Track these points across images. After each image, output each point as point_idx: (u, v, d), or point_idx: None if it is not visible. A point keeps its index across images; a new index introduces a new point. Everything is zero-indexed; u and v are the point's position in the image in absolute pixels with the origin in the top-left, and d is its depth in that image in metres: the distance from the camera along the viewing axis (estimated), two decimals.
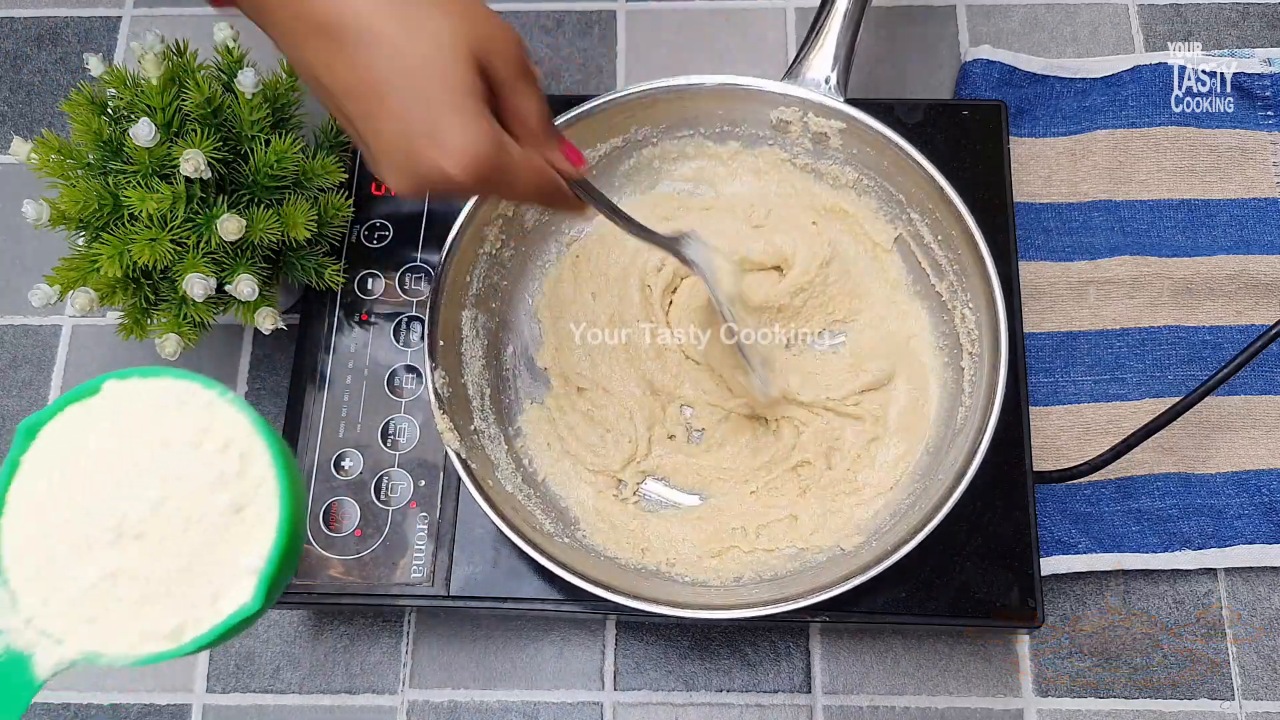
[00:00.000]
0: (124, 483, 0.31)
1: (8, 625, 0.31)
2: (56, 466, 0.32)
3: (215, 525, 0.32)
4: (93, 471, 0.32)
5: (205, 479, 0.32)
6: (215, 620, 0.31)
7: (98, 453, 0.32)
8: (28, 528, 0.32)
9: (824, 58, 0.60)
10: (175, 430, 0.32)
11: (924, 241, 0.61)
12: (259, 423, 0.33)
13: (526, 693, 0.61)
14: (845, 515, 0.58)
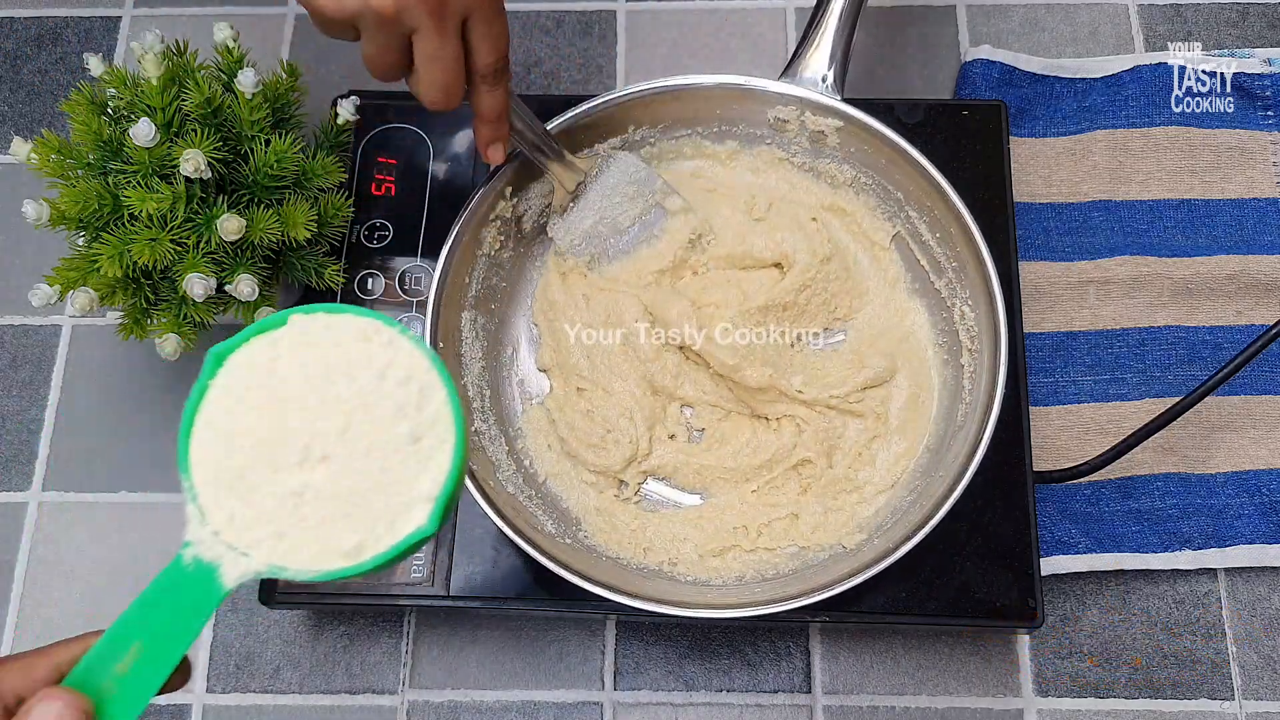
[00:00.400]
0: (312, 408, 0.33)
1: (196, 537, 0.33)
2: (244, 392, 0.34)
3: (395, 453, 0.33)
4: (282, 397, 0.33)
5: (387, 409, 0.34)
6: (393, 540, 0.33)
7: (287, 380, 0.34)
8: (216, 447, 0.33)
9: (821, 56, 0.60)
10: (361, 362, 0.34)
11: (922, 239, 0.61)
12: (436, 361, 0.35)
13: (526, 693, 0.61)
14: (846, 514, 0.58)
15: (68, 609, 0.63)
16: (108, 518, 0.65)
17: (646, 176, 0.61)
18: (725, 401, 0.61)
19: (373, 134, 0.65)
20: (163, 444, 0.66)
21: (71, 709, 0.29)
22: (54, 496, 0.65)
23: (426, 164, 0.65)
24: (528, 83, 0.74)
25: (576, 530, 0.58)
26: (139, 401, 0.67)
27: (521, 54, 0.75)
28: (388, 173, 0.64)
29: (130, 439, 0.66)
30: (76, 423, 0.67)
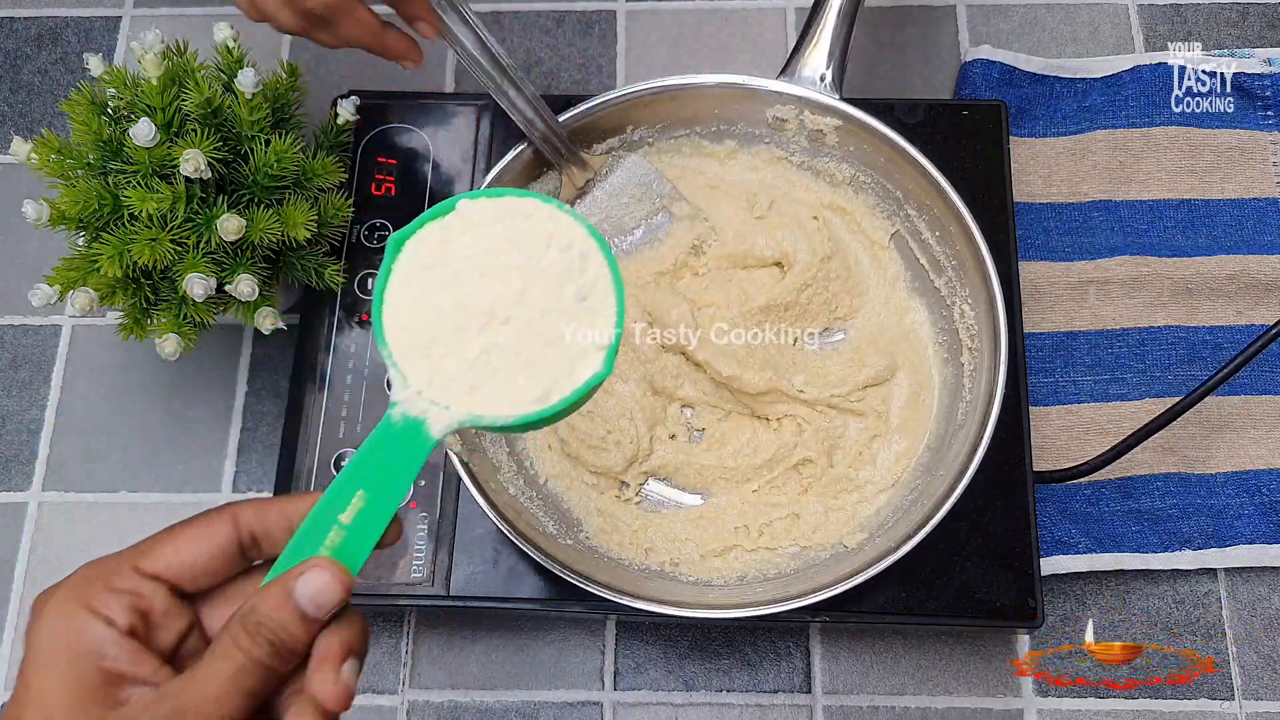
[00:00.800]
0: (490, 277, 0.37)
1: (401, 397, 0.36)
2: (426, 269, 0.38)
3: (566, 311, 0.38)
4: (461, 270, 0.37)
5: (555, 273, 0.38)
6: (575, 385, 0.37)
7: (464, 255, 0.38)
8: (408, 319, 0.37)
9: (819, 55, 0.60)
10: (527, 234, 0.38)
11: (921, 237, 0.61)
12: (592, 230, 0.39)
13: (526, 693, 0.61)
14: (847, 513, 0.58)
15: None
16: (108, 518, 0.65)
17: (655, 180, 0.62)
18: (725, 402, 0.61)
19: (373, 134, 0.65)
20: (163, 444, 0.66)
21: (336, 577, 0.33)
22: (54, 496, 0.65)
23: (426, 164, 0.65)
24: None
25: (578, 531, 0.58)
26: (139, 401, 0.67)
27: (521, 54, 0.75)
28: (388, 173, 0.64)
29: (130, 439, 0.66)
30: (76, 423, 0.67)
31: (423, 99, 0.66)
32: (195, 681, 0.32)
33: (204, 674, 0.32)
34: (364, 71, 0.74)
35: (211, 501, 0.65)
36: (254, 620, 0.32)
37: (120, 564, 0.33)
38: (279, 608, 0.33)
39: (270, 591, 0.33)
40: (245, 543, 0.35)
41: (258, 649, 0.32)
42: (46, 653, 0.32)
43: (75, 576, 0.33)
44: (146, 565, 0.34)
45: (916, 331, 0.62)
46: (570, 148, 0.59)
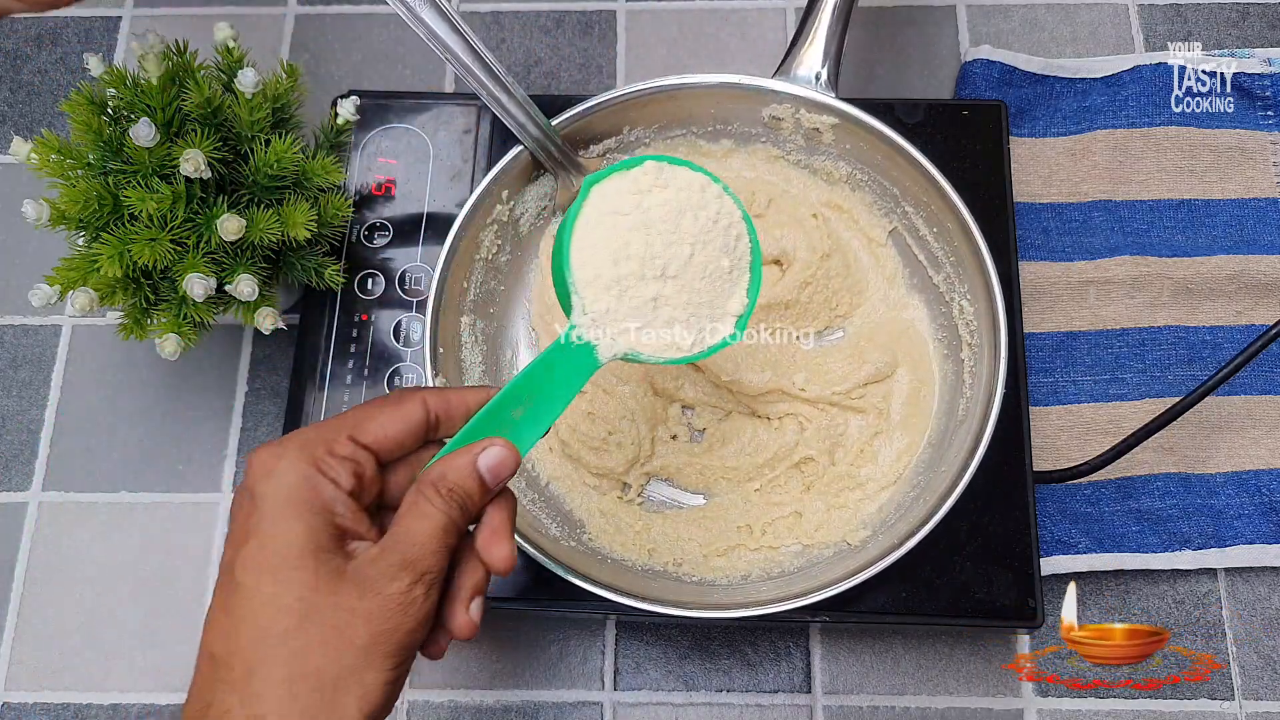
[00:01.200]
0: (671, 238, 0.43)
1: (580, 322, 0.42)
2: (617, 215, 0.43)
3: (718, 279, 0.44)
4: (650, 224, 0.42)
5: (717, 246, 0.44)
6: (713, 341, 0.44)
7: (653, 211, 0.43)
8: (595, 256, 0.42)
9: (814, 54, 0.60)
10: (699, 206, 0.44)
11: (919, 234, 0.61)
12: (746, 215, 0.45)
13: (526, 693, 0.61)
14: (850, 511, 0.58)
15: (68, 609, 0.63)
16: (108, 518, 0.65)
17: None
18: (725, 402, 0.61)
19: (373, 134, 0.65)
20: (163, 444, 0.66)
21: (512, 454, 0.40)
22: (54, 496, 0.65)
23: (426, 164, 0.65)
24: (528, 83, 0.74)
25: (580, 533, 0.58)
26: (139, 401, 0.67)
27: (521, 54, 0.75)
28: (388, 173, 0.64)
29: (130, 439, 0.66)
30: (76, 423, 0.67)
31: (423, 99, 0.66)
32: (409, 535, 0.37)
33: (415, 529, 0.37)
34: (364, 71, 0.75)
35: (211, 501, 0.65)
36: (446, 484, 0.38)
37: (338, 434, 0.38)
38: (467, 475, 0.39)
39: (457, 461, 0.39)
40: (431, 423, 0.40)
41: (452, 509, 0.38)
42: (286, 503, 0.36)
43: (297, 440, 0.38)
44: (360, 436, 0.38)
45: (916, 328, 0.62)
46: (565, 152, 0.59)
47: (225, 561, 0.37)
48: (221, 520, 0.64)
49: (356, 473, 0.38)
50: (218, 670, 0.35)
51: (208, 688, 0.36)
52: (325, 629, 0.35)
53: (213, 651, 0.36)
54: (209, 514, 0.64)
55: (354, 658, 0.35)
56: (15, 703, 0.61)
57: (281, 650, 0.35)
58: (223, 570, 0.37)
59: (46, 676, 0.62)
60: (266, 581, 0.36)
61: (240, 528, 0.37)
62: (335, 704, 0.35)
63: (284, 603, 0.35)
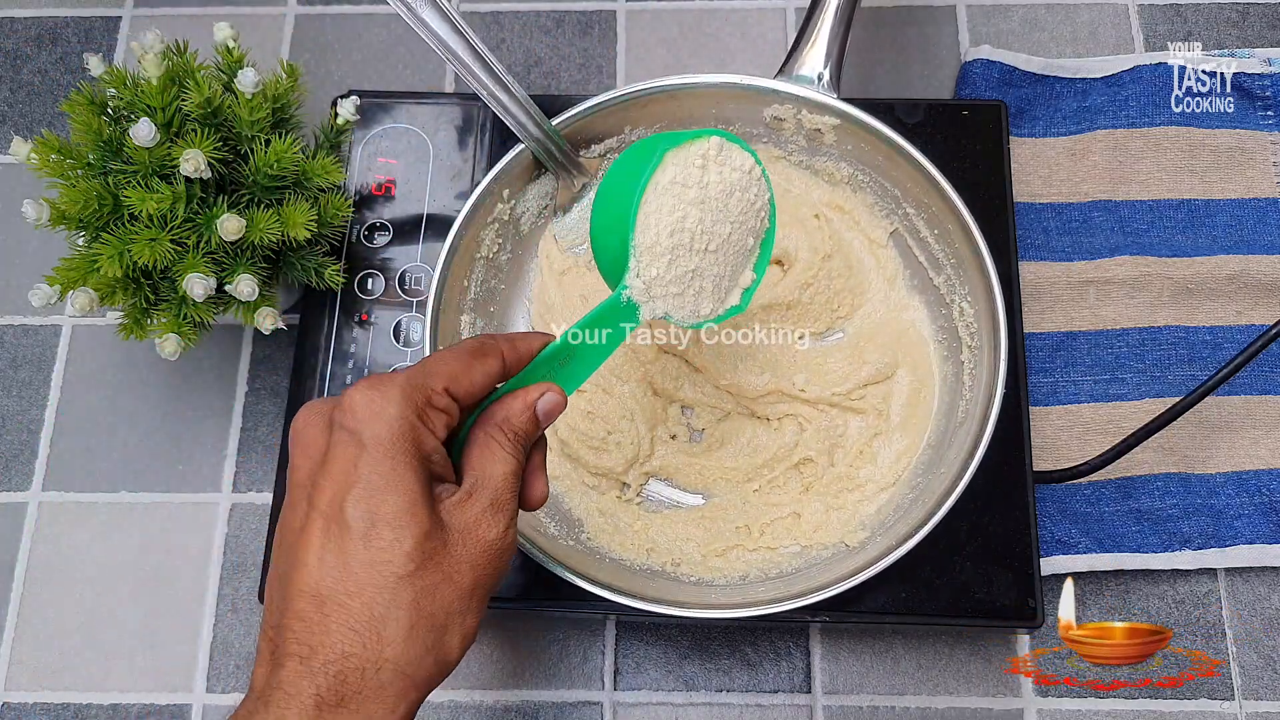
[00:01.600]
0: (718, 215, 0.46)
1: (632, 284, 0.45)
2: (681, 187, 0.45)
3: (740, 256, 0.48)
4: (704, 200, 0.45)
5: (748, 227, 0.48)
6: (724, 310, 0.49)
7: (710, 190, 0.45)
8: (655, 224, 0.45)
9: (816, 54, 0.60)
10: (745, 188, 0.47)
11: (920, 236, 0.61)
12: (773, 201, 0.49)
13: (526, 693, 0.61)
14: (848, 512, 0.58)
15: (68, 609, 0.63)
16: (108, 518, 0.65)
17: None
18: (725, 403, 0.61)
19: (373, 134, 0.65)
20: (163, 444, 0.66)
21: (561, 398, 0.43)
22: (54, 496, 0.65)
23: (426, 164, 0.65)
24: (528, 83, 0.74)
25: (579, 532, 0.58)
26: (139, 401, 0.67)
27: (521, 54, 0.75)
28: (388, 173, 0.64)
29: (130, 439, 0.66)
30: (76, 423, 0.67)
31: (423, 99, 0.66)
32: (491, 478, 0.40)
33: (494, 472, 0.40)
34: (364, 71, 0.75)
35: (211, 501, 0.65)
36: (510, 427, 0.41)
37: (435, 384, 0.40)
38: (529, 418, 0.42)
39: (517, 404, 0.42)
40: (505, 373, 0.43)
41: (519, 450, 0.41)
42: (398, 450, 0.37)
43: (401, 386, 0.38)
44: (455, 389, 0.40)
45: (916, 329, 0.62)
46: (565, 152, 0.59)
47: (328, 500, 0.37)
48: (221, 520, 0.64)
49: (448, 424, 0.40)
50: (328, 610, 0.35)
51: (317, 628, 0.35)
52: (438, 575, 0.37)
53: (320, 591, 0.36)
54: (209, 514, 0.64)
55: (460, 601, 0.38)
56: (15, 703, 0.61)
57: (405, 595, 0.36)
58: (321, 507, 0.37)
59: (46, 676, 0.62)
60: (384, 528, 0.36)
61: (343, 468, 0.37)
62: (443, 644, 0.37)
63: (404, 549, 0.36)
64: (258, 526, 0.64)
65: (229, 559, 0.64)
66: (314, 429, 0.39)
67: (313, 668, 0.35)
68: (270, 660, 0.36)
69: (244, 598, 0.63)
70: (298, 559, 0.37)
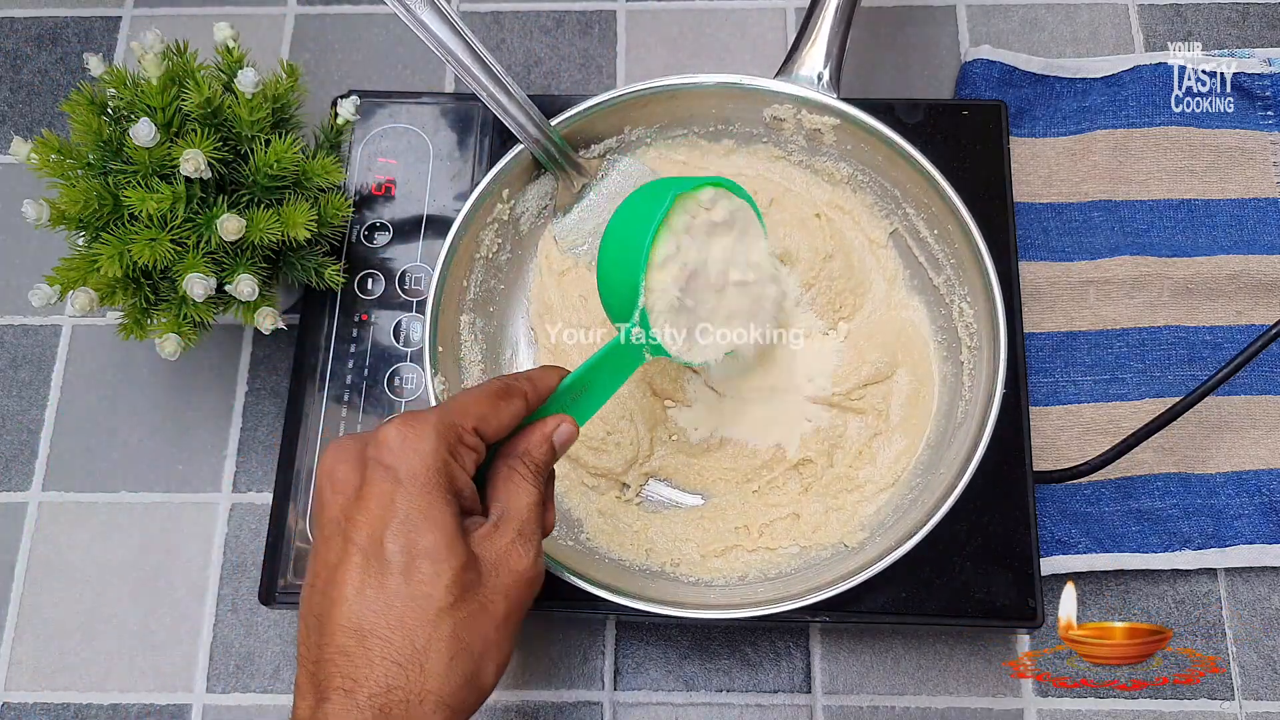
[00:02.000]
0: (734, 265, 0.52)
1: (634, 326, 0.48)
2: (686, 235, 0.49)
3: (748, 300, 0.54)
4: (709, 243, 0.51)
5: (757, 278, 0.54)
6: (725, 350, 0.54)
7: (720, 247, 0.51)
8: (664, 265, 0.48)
9: (816, 55, 0.60)
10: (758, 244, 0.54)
11: (920, 236, 0.61)
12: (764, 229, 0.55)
13: (526, 693, 0.61)
14: (848, 512, 0.58)
15: (68, 609, 0.63)
16: (108, 518, 0.65)
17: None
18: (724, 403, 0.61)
19: (373, 134, 0.65)
20: (163, 444, 0.66)
21: (574, 428, 0.45)
22: (54, 496, 0.65)
23: (426, 164, 0.65)
24: (528, 83, 0.74)
25: (579, 532, 0.58)
26: (139, 401, 0.67)
27: (521, 54, 0.75)
28: (388, 173, 0.64)
29: (130, 439, 0.66)
30: (76, 423, 0.67)
31: (423, 99, 0.66)
32: (517, 510, 0.42)
33: (520, 504, 0.42)
34: (364, 71, 0.75)
35: (211, 501, 0.65)
36: (531, 459, 0.43)
37: (465, 422, 0.41)
38: (546, 450, 0.44)
39: (535, 437, 0.44)
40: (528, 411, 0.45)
41: (540, 480, 0.43)
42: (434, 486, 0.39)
43: (435, 423, 0.40)
44: (484, 430, 0.42)
45: (916, 329, 0.62)
46: (565, 152, 0.59)
47: (366, 535, 0.38)
48: (221, 520, 0.64)
49: (476, 461, 0.42)
50: (370, 644, 0.36)
51: (360, 662, 0.36)
52: (475, 606, 0.38)
53: (361, 626, 0.36)
54: (209, 514, 0.64)
55: (496, 631, 0.39)
56: (15, 703, 0.61)
57: (445, 628, 0.37)
58: (359, 543, 0.38)
59: (46, 676, 0.62)
60: (424, 562, 0.37)
61: (380, 503, 0.38)
62: (481, 674, 0.38)
63: (444, 582, 0.37)
64: (257, 526, 0.64)
65: (229, 559, 0.64)
66: (345, 465, 0.39)
67: (358, 701, 0.35)
68: (313, 693, 0.36)
69: (244, 598, 0.63)
70: (336, 594, 0.37)
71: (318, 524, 0.40)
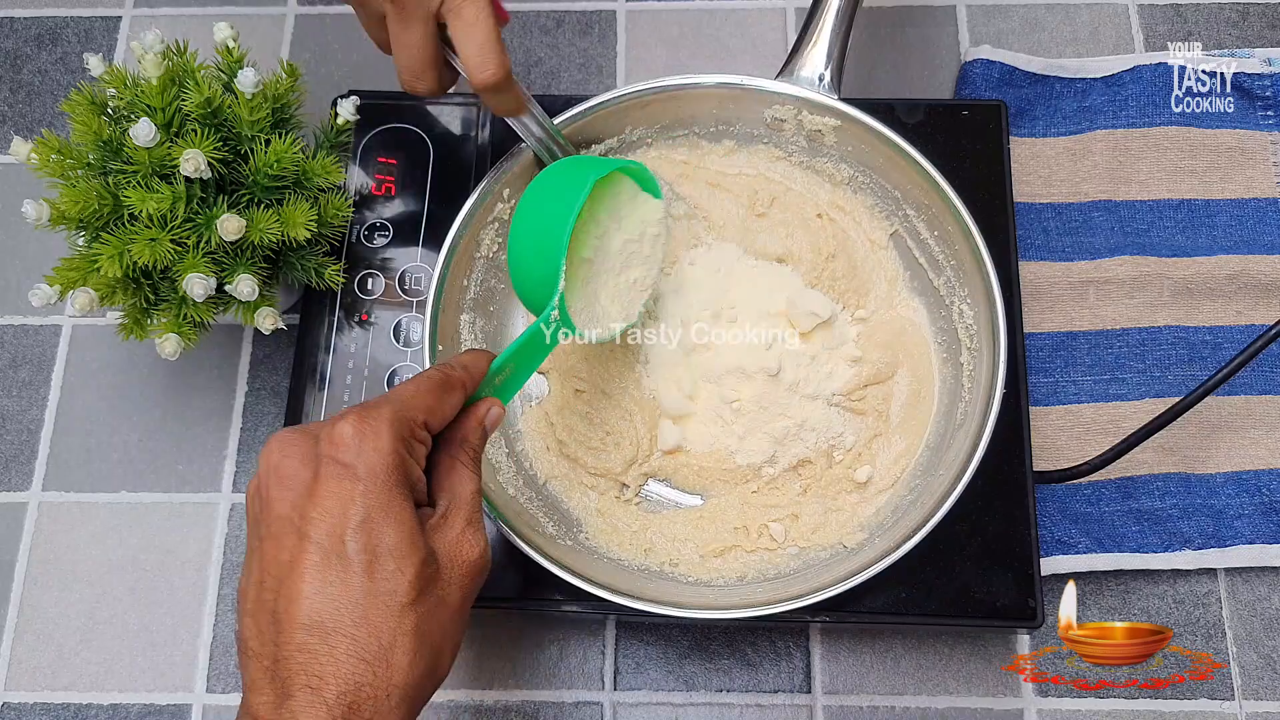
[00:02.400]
0: (629, 238, 0.55)
1: (558, 308, 0.50)
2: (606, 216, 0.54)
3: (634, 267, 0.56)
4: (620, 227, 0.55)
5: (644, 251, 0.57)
6: (624, 323, 0.57)
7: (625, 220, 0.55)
8: (581, 249, 0.53)
9: (818, 55, 0.60)
10: (650, 219, 0.56)
11: (920, 237, 0.61)
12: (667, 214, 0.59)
13: (526, 693, 0.61)
14: (847, 513, 0.58)
15: (68, 609, 0.63)
16: (108, 518, 0.65)
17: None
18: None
19: (373, 134, 0.65)
20: (163, 444, 0.66)
21: (502, 410, 0.47)
22: (54, 496, 0.65)
23: (426, 164, 0.65)
24: (528, 83, 0.74)
25: (578, 532, 0.58)
26: (139, 401, 0.67)
27: (521, 54, 0.75)
28: (388, 173, 0.64)
29: (130, 439, 0.66)
30: (76, 423, 0.67)
31: (423, 99, 0.66)
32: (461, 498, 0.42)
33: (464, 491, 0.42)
34: (364, 71, 0.75)
35: (211, 501, 0.65)
36: (470, 448, 0.44)
37: (415, 418, 0.41)
38: (480, 435, 0.45)
39: (471, 425, 0.45)
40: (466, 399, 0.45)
41: (478, 466, 0.44)
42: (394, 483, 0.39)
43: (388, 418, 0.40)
44: (431, 423, 0.43)
45: (916, 330, 0.62)
46: (566, 150, 0.59)
47: (324, 533, 0.37)
48: (221, 519, 0.64)
49: (425, 454, 0.42)
50: (334, 641, 0.36)
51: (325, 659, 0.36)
52: (434, 599, 0.39)
53: (323, 623, 0.36)
54: (209, 514, 0.64)
55: (452, 622, 0.40)
56: (15, 703, 0.61)
57: (408, 623, 0.37)
58: (317, 540, 0.37)
59: (46, 676, 0.62)
60: (387, 560, 0.37)
61: (339, 501, 0.38)
62: (439, 663, 0.39)
63: (407, 579, 0.38)
64: None
65: (229, 559, 0.64)
66: (293, 460, 0.39)
67: (325, 698, 0.35)
68: (273, 690, 0.36)
69: None
70: (293, 591, 0.37)
71: (263, 520, 0.39)
